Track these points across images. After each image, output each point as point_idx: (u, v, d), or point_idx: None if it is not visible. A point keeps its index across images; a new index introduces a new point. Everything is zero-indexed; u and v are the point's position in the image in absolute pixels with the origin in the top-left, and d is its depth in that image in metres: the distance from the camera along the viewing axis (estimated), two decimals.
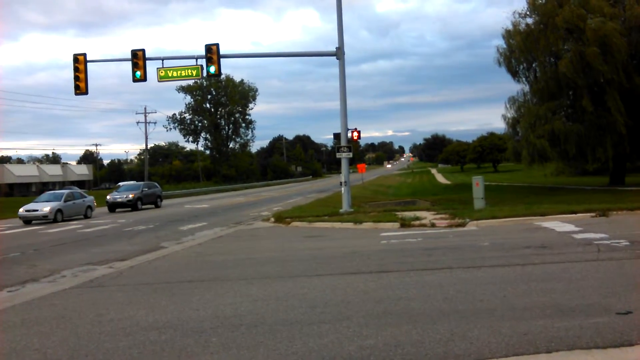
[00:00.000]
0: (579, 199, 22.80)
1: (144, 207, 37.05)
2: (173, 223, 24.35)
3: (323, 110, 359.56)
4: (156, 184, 43.25)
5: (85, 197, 33.19)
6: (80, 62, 23.65)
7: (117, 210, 36.04)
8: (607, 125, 27.52)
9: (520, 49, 30.92)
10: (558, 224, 14.76)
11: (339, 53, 23.38)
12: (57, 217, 28.94)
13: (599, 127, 27.94)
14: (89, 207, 31.99)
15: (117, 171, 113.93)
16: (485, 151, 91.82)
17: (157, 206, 38.93)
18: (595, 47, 26.23)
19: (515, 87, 73.95)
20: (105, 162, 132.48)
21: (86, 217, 31.07)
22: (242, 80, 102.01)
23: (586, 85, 27.87)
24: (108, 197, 37.57)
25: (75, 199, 31.34)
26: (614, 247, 10.60)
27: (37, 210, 28.86)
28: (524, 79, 33.74)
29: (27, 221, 28.77)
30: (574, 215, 16.31)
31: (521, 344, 5.33)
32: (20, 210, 29.51)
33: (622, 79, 26.76)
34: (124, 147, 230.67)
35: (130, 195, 36.31)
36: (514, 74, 33.54)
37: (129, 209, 35.88)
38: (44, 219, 28.64)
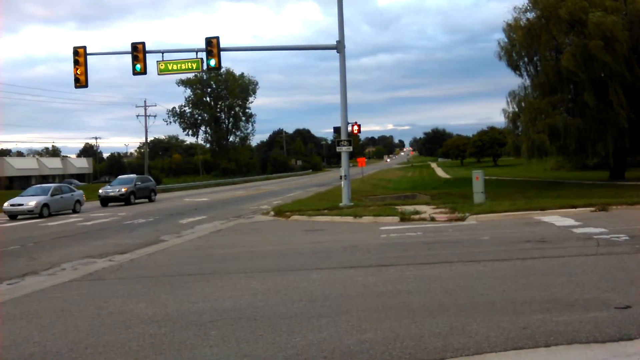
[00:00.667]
0: (579, 194, 22.85)
1: (137, 201, 36.00)
2: (173, 216, 24.35)
3: (323, 104, 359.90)
4: (150, 178, 41.97)
5: (74, 191, 32.10)
6: (80, 55, 23.58)
7: (110, 204, 34.98)
8: (608, 120, 27.52)
9: (521, 44, 30.91)
10: (558, 219, 14.76)
11: (339, 46, 23.31)
12: (44, 212, 27.64)
13: (600, 122, 27.94)
14: (78, 201, 30.88)
15: (117, 164, 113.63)
16: (485, 145, 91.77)
17: (150, 200, 37.74)
18: (597, 39, 26.19)
19: (516, 81, 73.69)
20: (105, 155, 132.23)
21: (75, 211, 29.86)
22: (242, 73, 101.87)
23: (588, 80, 27.83)
24: (100, 191, 36.49)
25: (63, 193, 30.07)
26: (613, 242, 10.60)
27: (22, 205, 27.61)
28: (524, 73, 33.77)
29: (13, 216, 27.61)
30: (573, 209, 16.31)
31: (520, 338, 5.34)
32: (5, 204, 28.17)
33: (624, 72, 26.76)
34: (123, 141, 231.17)
35: (123, 189, 35.15)
36: (515, 68, 33.53)
37: (122, 203, 34.92)
38: (30, 214, 27.50)
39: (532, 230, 13.10)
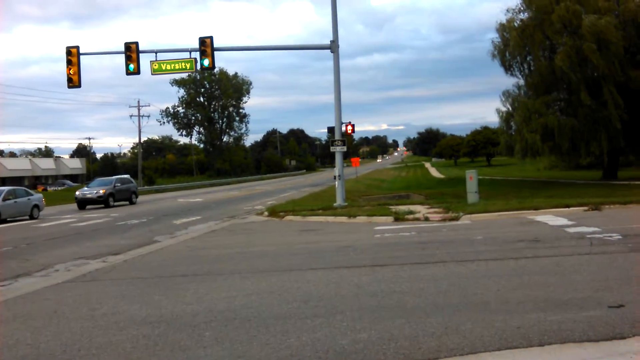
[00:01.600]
0: (572, 193, 22.93)
1: (116, 203, 34.34)
2: (167, 217, 24.29)
3: (318, 103, 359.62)
4: (131, 179, 40.15)
5: (32, 195, 29.10)
6: (73, 55, 23.49)
7: (88, 207, 33.06)
8: (602, 119, 27.64)
9: (515, 43, 30.94)
10: (551, 218, 14.81)
11: (333, 46, 23.31)
12: None
13: (593, 121, 28.04)
14: (36, 206, 27.96)
15: (110, 165, 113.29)
16: (479, 145, 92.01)
17: (131, 203, 36.00)
18: (591, 42, 26.33)
19: (509, 81, 73.71)
20: (99, 155, 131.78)
21: (32, 217, 27.26)
22: (236, 73, 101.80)
23: (582, 80, 27.96)
24: (77, 193, 34.66)
25: (17, 197, 27.20)
26: (606, 241, 10.64)
27: None
28: (518, 72, 33.83)
29: None
30: (567, 209, 16.36)
31: (514, 337, 5.35)
32: None
33: (617, 72, 26.90)
34: (117, 141, 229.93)
35: (101, 191, 33.36)
36: (508, 67, 33.59)
37: (102, 205, 33.22)
38: None
39: (526, 229, 13.14)
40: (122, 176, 40.39)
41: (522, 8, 32.13)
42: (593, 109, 27.88)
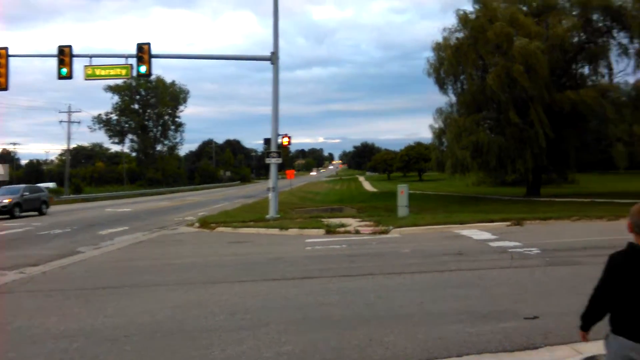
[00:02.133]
0: (497, 209, 23.78)
1: (23, 214, 31.20)
2: (92, 227, 23.43)
3: (256, 114, 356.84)
4: (42, 188, 37.22)
5: None
6: (1, 57, 22.47)
7: None
8: (528, 138, 28.85)
9: (450, 61, 31.92)
10: (476, 232, 15.32)
11: (273, 58, 23.32)
12: None
13: (520, 140, 29.23)
14: None
15: (35, 172, 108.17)
16: (411, 160, 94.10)
17: (41, 213, 33.02)
18: (520, 64, 27.53)
19: (443, 99, 75.95)
20: (24, 162, 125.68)
21: None
22: (174, 81, 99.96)
23: (511, 99, 29.17)
24: None
25: None
26: (526, 255, 11.11)
27: None
28: (451, 91, 34.85)
29: None
30: (491, 224, 16.97)
31: (435, 348, 5.49)
32: None
33: (544, 94, 28.24)
34: (44, 147, 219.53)
35: (6, 201, 30.21)
36: (442, 85, 34.55)
37: (7, 216, 29.79)
38: None
39: (451, 243, 13.52)
40: (32, 185, 37.34)
41: (458, 28, 33.22)
42: (520, 128, 29.10)
